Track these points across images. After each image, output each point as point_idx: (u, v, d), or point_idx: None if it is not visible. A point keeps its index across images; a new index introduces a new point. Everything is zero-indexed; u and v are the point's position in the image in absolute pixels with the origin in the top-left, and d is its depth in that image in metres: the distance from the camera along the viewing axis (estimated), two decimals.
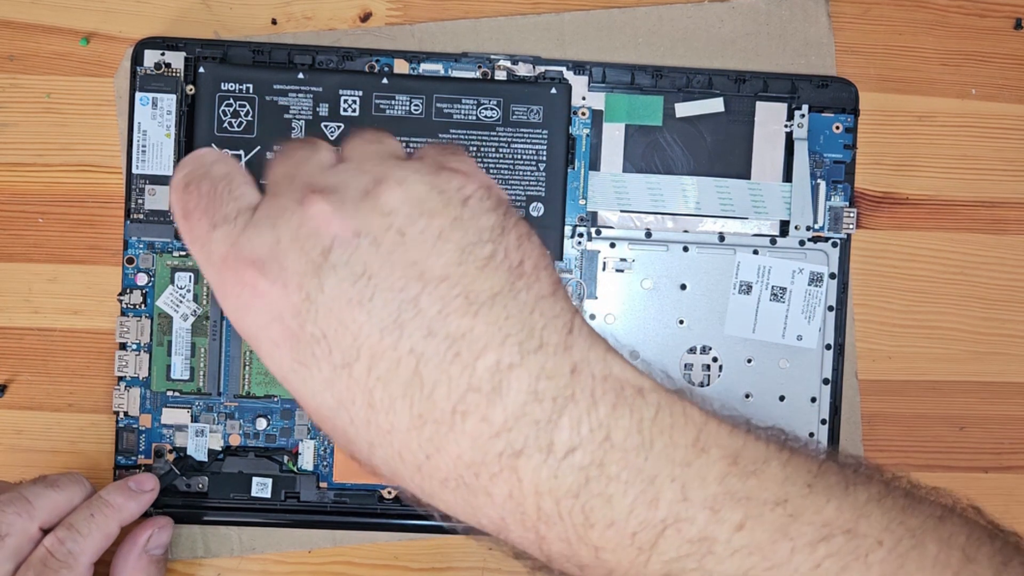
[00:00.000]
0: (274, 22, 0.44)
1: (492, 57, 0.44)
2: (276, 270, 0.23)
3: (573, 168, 0.44)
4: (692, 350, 0.44)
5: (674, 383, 0.25)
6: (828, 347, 0.44)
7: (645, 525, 0.23)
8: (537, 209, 0.43)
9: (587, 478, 0.22)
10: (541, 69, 0.44)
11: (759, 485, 0.23)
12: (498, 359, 0.22)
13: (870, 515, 0.24)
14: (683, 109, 0.44)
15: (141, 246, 0.43)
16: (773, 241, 0.44)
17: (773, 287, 0.44)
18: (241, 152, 0.42)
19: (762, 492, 0.23)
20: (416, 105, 0.43)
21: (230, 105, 0.42)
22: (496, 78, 0.43)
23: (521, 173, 0.43)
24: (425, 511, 0.25)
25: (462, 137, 0.43)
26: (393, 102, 0.43)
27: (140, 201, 0.43)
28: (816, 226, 0.45)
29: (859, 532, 0.23)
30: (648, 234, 0.44)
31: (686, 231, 0.44)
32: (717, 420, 0.24)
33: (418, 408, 0.22)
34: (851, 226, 0.45)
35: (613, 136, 0.44)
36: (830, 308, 0.45)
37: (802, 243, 0.44)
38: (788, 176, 0.44)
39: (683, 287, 0.44)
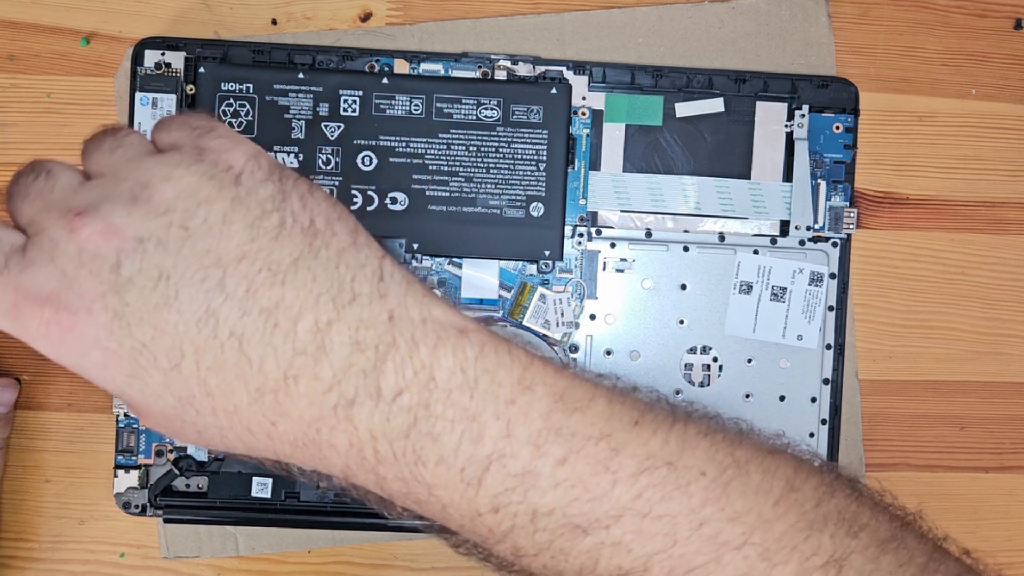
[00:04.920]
0: (274, 22, 0.44)
1: (492, 57, 0.44)
2: (75, 299, 0.23)
3: (573, 168, 0.44)
4: (692, 350, 0.44)
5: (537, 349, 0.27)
6: (828, 347, 0.44)
7: (471, 461, 0.24)
8: (537, 209, 0.43)
9: (415, 418, 0.24)
10: (541, 69, 0.44)
11: (583, 420, 0.25)
12: (316, 319, 0.23)
13: (696, 447, 0.25)
14: (683, 109, 0.44)
15: None
16: (773, 241, 0.44)
17: (773, 287, 0.44)
18: None
19: (586, 427, 0.25)
20: (416, 105, 0.43)
21: (230, 105, 0.42)
22: (496, 78, 0.43)
23: (521, 173, 0.43)
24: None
25: (462, 137, 0.43)
26: (393, 102, 0.43)
27: None
28: (816, 226, 0.45)
29: (682, 464, 0.25)
30: (648, 234, 0.44)
31: (686, 231, 0.44)
32: (543, 361, 0.25)
33: (254, 383, 0.23)
34: (851, 226, 0.45)
35: (613, 136, 0.44)
36: (830, 308, 0.44)
37: (802, 243, 0.44)
38: (788, 176, 0.44)
39: (683, 287, 0.44)
